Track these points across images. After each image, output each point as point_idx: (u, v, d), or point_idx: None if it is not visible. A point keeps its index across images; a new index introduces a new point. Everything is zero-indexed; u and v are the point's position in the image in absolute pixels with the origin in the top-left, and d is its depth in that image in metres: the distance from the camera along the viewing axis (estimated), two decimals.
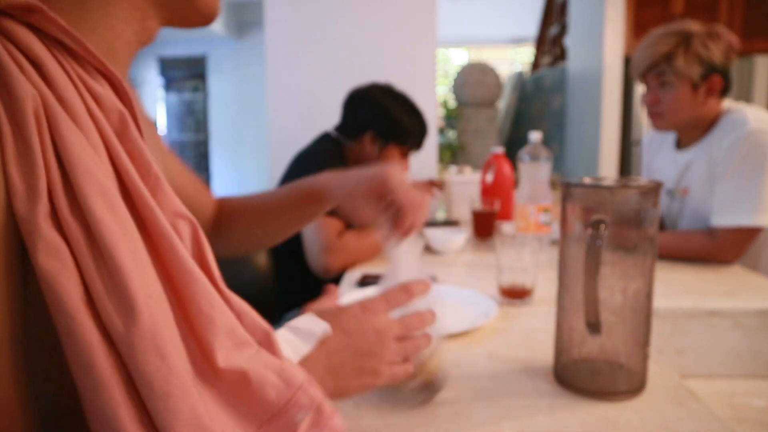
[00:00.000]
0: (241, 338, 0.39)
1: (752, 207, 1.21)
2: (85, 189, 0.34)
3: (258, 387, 0.38)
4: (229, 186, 6.69)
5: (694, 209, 1.37)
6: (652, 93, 1.34)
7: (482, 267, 1.29)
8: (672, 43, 1.28)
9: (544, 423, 0.59)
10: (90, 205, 0.34)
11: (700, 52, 1.26)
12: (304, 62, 1.75)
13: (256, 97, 6.27)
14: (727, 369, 0.99)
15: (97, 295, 0.33)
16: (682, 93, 1.29)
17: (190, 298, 0.37)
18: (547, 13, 5.31)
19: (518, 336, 0.84)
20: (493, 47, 6.98)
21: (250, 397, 0.38)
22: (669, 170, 1.44)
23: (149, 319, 0.34)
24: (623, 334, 0.65)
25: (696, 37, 1.27)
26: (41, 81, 0.35)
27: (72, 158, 0.34)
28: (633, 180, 0.66)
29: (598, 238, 0.61)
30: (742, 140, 1.23)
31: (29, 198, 0.32)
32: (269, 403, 0.38)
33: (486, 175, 1.82)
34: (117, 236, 0.34)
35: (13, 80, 0.33)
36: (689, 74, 1.27)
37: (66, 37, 0.37)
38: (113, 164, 0.37)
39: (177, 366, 0.35)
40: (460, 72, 3.84)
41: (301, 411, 0.38)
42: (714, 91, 1.29)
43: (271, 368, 0.39)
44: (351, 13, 2.45)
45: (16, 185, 0.32)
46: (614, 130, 3.68)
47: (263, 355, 0.40)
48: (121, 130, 0.39)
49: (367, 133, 1.58)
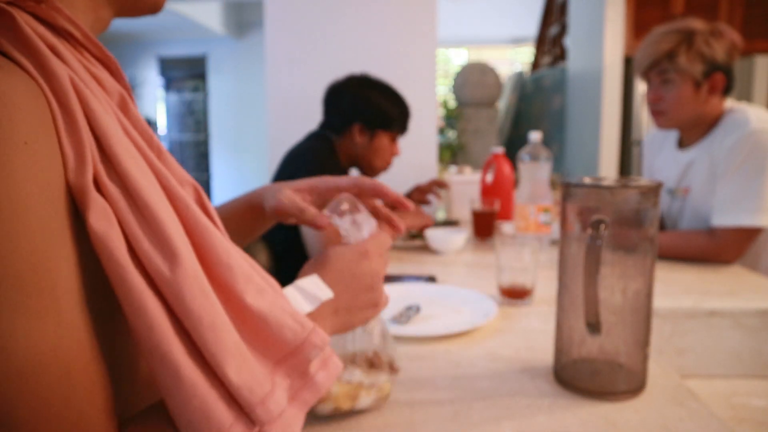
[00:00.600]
0: (260, 284, 0.43)
1: (753, 207, 1.21)
2: (120, 156, 0.38)
3: (277, 328, 0.42)
4: (230, 186, 6.69)
5: (694, 209, 1.36)
6: (654, 91, 1.34)
7: (482, 267, 1.29)
8: (675, 40, 1.27)
9: (544, 423, 0.59)
10: (127, 169, 0.38)
11: (702, 50, 1.26)
12: (304, 62, 1.76)
13: (256, 97, 6.27)
14: (726, 369, 0.99)
15: (140, 247, 0.37)
16: (684, 91, 1.29)
17: (209, 250, 0.41)
18: (547, 13, 5.31)
19: (518, 336, 0.84)
20: (493, 47, 6.98)
21: (270, 337, 0.42)
22: (670, 169, 1.44)
23: (190, 261, 0.38)
24: (623, 334, 0.65)
25: (699, 35, 1.26)
26: (64, 64, 0.38)
27: (104, 129, 0.38)
28: (633, 180, 0.66)
29: (598, 238, 0.61)
30: (744, 140, 1.22)
31: (78, 167, 0.36)
32: (286, 342, 0.42)
33: (486, 175, 1.82)
34: (153, 195, 0.38)
35: (51, 62, 0.36)
36: (691, 72, 1.27)
37: (71, 25, 0.40)
38: (127, 136, 0.41)
39: (217, 303, 0.39)
40: (460, 72, 3.84)
41: (314, 350, 0.43)
42: (716, 90, 1.29)
43: (288, 312, 0.43)
44: (351, 13, 2.45)
45: (68, 157, 0.36)
46: (614, 130, 3.68)
47: (280, 299, 0.44)
48: (123, 107, 0.43)
49: (354, 125, 1.61)
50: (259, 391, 0.39)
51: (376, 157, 1.65)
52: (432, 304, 0.99)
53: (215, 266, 0.41)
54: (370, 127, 1.61)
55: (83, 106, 0.37)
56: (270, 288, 0.44)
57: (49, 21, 0.39)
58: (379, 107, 1.60)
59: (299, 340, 0.42)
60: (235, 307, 0.41)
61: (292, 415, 0.42)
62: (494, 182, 1.80)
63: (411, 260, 1.38)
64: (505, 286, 0.99)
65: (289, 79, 2.41)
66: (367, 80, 1.66)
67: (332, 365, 0.46)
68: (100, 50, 0.42)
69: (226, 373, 0.37)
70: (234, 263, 0.42)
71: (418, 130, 2.54)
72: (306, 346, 0.43)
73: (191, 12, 5.16)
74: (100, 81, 0.42)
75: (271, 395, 0.40)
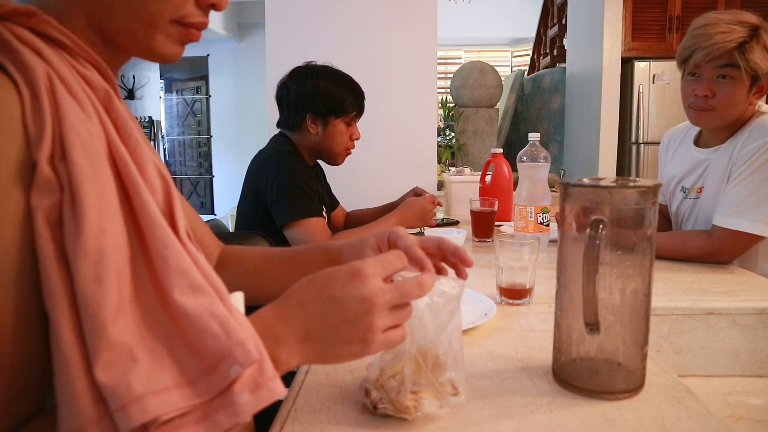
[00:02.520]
0: (196, 282, 0.42)
1: (757, 216, 1.18)
2: (68, 138, 0.41)
3: (199, 331, 0.39)
4: (230, 186, 6.69)
5: (705, 210, 1.33)
6: (707, 85, 1.22)
7: (481, 266, 1.29)
8: (743, 33, 1.16)
9: (542, 422, 0.60)
10: (70, 150, 0.41)
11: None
12: (304, 62, 1.78)
13: (257, 98, 6.27)
14: (724, 368, 0.99)
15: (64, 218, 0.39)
16: (740, 88, 1.20)
17: (150, 239, 0.42)
18: (546, 14, 5.32)
19: (517, 335, 0.85)
20: (493, 48, 6.98)
21: (195, 343, 0.40)
22: (684, 164, 1.39)
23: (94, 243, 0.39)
24: (622, 334, 0.66)
25: (763, 30, 1.16)
26: (45, 63, 0.43)
27: (63, 116, 0.42)
28: (631, 180, 0.67)
29: (596, 237, 0.62)
30: (764, 147, 1.18)
31: (38, 141, 0.40)
32: (207, 349, 0.39)
33: (485, 175, 1.82)
34: (86, 177, 0.40)
35: (26, 57, 0.42)
36: (760, 68, 1.17)
37: (59, 33, 0.46)
38: (103, 129, 0.45)
39: (111, 293, 0.38)
40: (460, 72, 3.84)
41: (234, 366, 0.39)
42: (764, 92, 1.22)
43: (217, 318, 0.40)
44: (351, 13, 2.46)
45: (31, 133, 0.40)
46: (613, 130, 3.68)
47: (215, 304, 0.41)
48: (108, 103, 0.48)
49: (306, 117, 1.59)
50: (124, 394, 0.36)
51: (333, 143, 1.63)
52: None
53: (153, 256, 0.42)
54: (322, 114, 1.59)
55: (53, 97, 0.42)
56: (210, 290, 0.42)
57: (42, 32, 0.45)
58: (325, 93, 1.58)
59: (220, 350, 0.39)
60: (162, 301, 0.41)
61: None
62: (493, 182, 1.80)
63: None
64: (504, 286, 1.00)
65: None
66: (310, 69, 1.63)
67: (265, 392, 0.40)
68: (89, 55, 0.49)
69: (93, 367, 0.36)
70: (170, 254, 0.42)
71: (418, 131, 2.55)
72: (226, 360, 0.39)
73: None
74: (89, 80, 0.47)
75: (139, 402, 0.36)
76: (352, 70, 1.72)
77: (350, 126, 1.65)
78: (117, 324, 0.38)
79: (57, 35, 0.46)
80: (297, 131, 1.64)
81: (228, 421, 0.39)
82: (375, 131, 2.47)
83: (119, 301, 0.39)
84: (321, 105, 1.58)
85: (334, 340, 0.48)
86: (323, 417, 0.60)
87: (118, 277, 0.40)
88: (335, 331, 0.48)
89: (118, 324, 0.38)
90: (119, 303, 0.39)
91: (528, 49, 6.31)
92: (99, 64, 0.49)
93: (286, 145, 1.62)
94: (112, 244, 0.40)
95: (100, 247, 0.39)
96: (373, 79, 2.47)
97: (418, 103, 2.49)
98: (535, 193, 1.40)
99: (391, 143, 2.53)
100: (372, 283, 0.49)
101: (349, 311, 0.48)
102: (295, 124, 1.62)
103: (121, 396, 0.36)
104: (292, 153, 1.60)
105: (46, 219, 0.39)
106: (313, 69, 1.63)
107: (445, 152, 3.68)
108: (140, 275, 0.41)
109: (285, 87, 1.64)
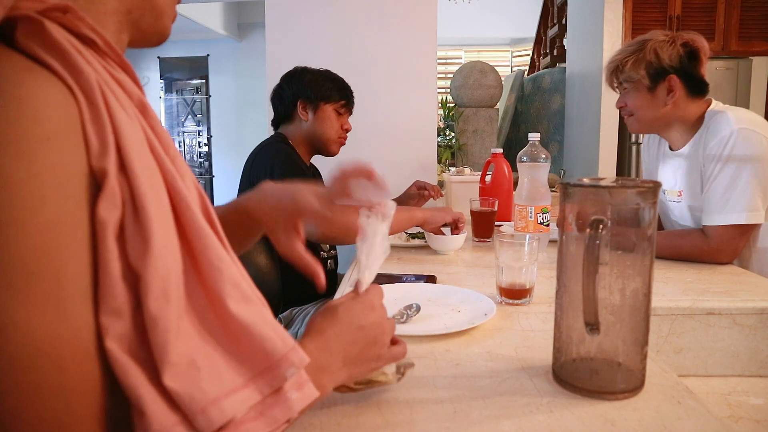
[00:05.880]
0: (247, 293, 0.44)
1: (740, 207, 1.24)
2: (127, 148, 0.39)
3: (259, 339, 0.42)
4: (230, 186, 6.69)
5: (691, 210, 1.39)
6: (619, 98, 1.43)
7: (481, 266, 1.29)
8: (628, 52, 1.35)
9: (543, 422, 0.60)
10: (129, 162, 0.39)
11: (647, 58, 1.31)
12: (304, 62, 1.79)
13: (257, 97, 6.27)
14: (724, 368, 0.99)
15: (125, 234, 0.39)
16: (639, 95, 1.36)
17: (202, 252, 0.42)
18: (546, 14, 5.32)
19: (517, 335, 0.85)
20: (493, 48, 6.98)
21: (250, 348, 0.42)
22: (666, 172, 1.46)
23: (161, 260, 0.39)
24: (622, 334, 0.66)
25: (649, 44, 1.32)
26: (90, 66, 0.41)
27: (119, 126, 0.40)
28: (631, 180, 0.67)
29: (596, 237, 0.62)
30: (725, 141, 1.25)
31: (102, 151, 0.38)
32: (266, 355, 0.43)
33: (485, 175, 1.82)
34: (147, 190, 0.40)
35: (78, 61, 0.39)
36: (636, 77, 1.33)
37: (93, 33, 0.42)
38: (146, 137, 0.43)
39: (179, 308, 0.40)
40: (460, 72, 3.84)
41: (291, 368, 0.43)
42: (675, 91, 1.31)
43: (270, 325, 0.44)
44: (351, 13, 2.46)
45: (92, 144, 0.38)
46: (613, 130, 3.68)
47: (265, 312, 0.44)
48: (143, 110, 0.45)
49: (297, 105, 1.71)
50: (201, 399, 0.38)
51: (325, 127, 1.72)
52: (432, 303, 0.99)
53: (206, 268, 0.42)
54: (312, 100, 1.71)
55: (106, 103, 0.40)
56: (257, 300, 0.45)
57: (74, 30, 0.41)
58: (313, 82, 1.71)
59: (278, 354, 0.43)
60: (218, 311, 0.42)
61: (254, 429, 0.42)
62: (493, 182, 1.80)
63: (411, 260, 1.38)
64: (504, 286, 1.00)
65: None
66: (298, 68, 1.78)
67: (308, 389, 0.46)
68: (120, 58, 0.45)
69: (162, 377, 0.38)
70: (224, 267, 0.43)
71: (418, 131, 2.55)
72: (284, 362, 0.43)
73: (192, 13, 5.16)
74: (123, 85, 0.44)
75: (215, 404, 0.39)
76: (352, 69, 1.73)
77: (341, 116, 1.75)
78: (179, 335, 0.39)
79: (91, 34, 0.42)
80: (290, 122, 1.74)
81: (282, 415, 0.43)
82: (375, 131, 2.47)
83: (179, 314, 0.40)
84: (309, 91, 1.71)
85: (361, 360, 0.58)
86: None
87: (178, 290, 0.41)
88: (363, 353, 0.57)
89: (180, 335, 0.39)
90: (179, 315, 0.40)
91: (528, 49, 6.31)
92: (128, 67, 0.46)
93: (278, 139, 1.72)
94: (172, 259, 0.40)
95: (165, 263, 0.39)
96: (373, 79, 2.48)
97: (418, 103, 2.49)
98: (535, 193, 1.40)
99: (391, 143, 2.53)
100: (381, 311, 0.61)
101: (371, 336, 0.58)
102: (287, 113, 1.74)
103: (198, 400, 0.38)
104: (285, 145, 1.70)
105: (114, 234, 0.38)
106: (300, 67, 1.77)
107: (445, 152, 3.68)
108: (193, 286, 0.42)
109: (279, 87, 1.77)
